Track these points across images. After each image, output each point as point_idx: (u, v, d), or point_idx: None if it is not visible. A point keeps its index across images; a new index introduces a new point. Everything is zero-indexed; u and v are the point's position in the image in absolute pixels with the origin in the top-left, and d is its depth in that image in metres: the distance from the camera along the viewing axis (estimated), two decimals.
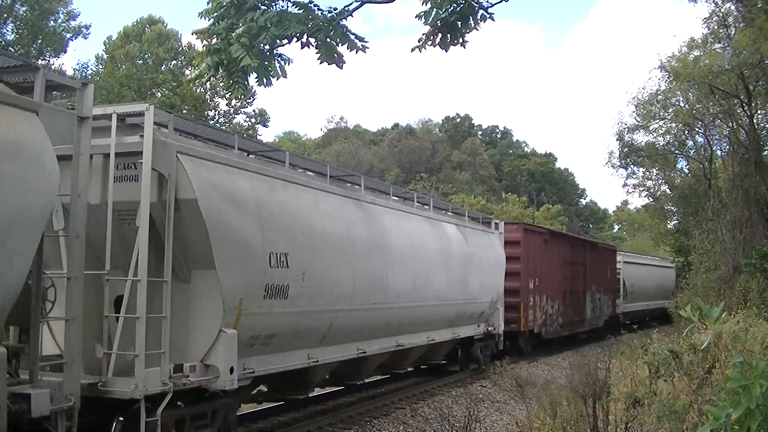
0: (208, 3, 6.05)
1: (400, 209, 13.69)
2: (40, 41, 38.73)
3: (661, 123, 31.11)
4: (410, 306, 12.96)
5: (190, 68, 45.10)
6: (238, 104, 48.95)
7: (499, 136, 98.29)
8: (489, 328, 17.76)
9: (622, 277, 32.12)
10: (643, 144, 32.77)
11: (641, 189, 37.49)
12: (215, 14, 6.00)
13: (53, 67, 36.36)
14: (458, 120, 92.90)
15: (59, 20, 39.70)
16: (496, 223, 19.51)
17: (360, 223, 11.45)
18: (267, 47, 5.87)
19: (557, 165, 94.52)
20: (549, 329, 22.67)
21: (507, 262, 18.75)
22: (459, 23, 6.16)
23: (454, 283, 15.04)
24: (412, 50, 6.29)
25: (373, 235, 11.70)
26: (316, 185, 10.63)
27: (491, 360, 17.42)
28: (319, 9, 5.99)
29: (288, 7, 5.99)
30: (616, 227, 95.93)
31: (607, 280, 30.01)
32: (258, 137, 43.59)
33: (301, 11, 5.94)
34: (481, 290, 16.51)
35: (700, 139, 31.05)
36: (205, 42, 6.25)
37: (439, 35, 6.23)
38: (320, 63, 5.97)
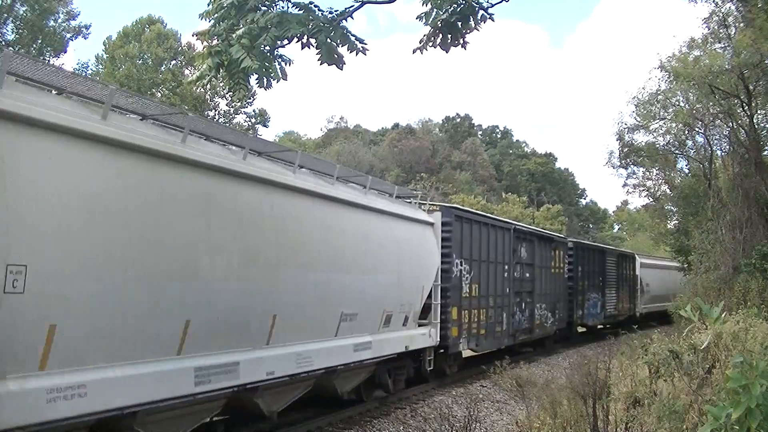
0: (208, 4, 6.06)
1: None
2: (40, 41, 38.71)
3: (661, 123, 31.05)
4: None
5: (190, 68, 45.12)
6: (239, 104, 48.95)
7: (499, 136, 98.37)
8: None
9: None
10: (643, 144, 32.71)
11: (641, 189, 37.38)
12: (216, 15, 6.00)
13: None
14: (458, 120, 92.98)
15: (59, 20, 39.71)
16: None
17: None
18: (267, 48, 5.88)
19: (557, 165, 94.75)
20: None
21: None
22: (459, 24, 6.16)
23: None
24: (414, 52, 6.30)
25: None
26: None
27: None
28: (319, 10, 6.00)
29: (288, 8, 6.00)
30: (616, 227, 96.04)
31: None
32: (259, 137, 43.48)
33: (301, 12, 5.94)
34: None
35: (700, 139, 30.98)
36: (205, 43, 6.24)
37: (440, 36, 6.24)
38: (321, 64, 5.97)
